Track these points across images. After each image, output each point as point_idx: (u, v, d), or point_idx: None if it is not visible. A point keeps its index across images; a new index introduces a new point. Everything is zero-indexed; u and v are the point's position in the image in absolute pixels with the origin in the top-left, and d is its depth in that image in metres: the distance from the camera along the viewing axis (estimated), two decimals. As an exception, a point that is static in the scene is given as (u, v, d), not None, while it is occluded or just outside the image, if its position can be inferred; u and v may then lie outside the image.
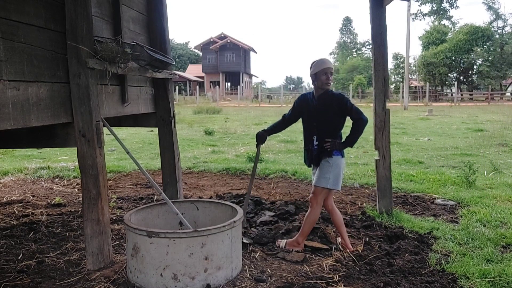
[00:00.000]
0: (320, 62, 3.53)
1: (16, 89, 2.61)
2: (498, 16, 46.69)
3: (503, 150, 9.47)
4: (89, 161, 3.14)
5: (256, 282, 3.01)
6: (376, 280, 3.02)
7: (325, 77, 3.48)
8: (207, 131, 13.25)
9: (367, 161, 7.86)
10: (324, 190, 3.53)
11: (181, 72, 59.85)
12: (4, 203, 5.24)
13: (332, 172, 3.47)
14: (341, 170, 3.53)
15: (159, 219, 3.58)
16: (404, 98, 29.53)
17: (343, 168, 3.57)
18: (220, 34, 57.58)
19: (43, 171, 7.14)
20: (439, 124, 16.08)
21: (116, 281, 3.02)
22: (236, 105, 35.49)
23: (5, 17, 2.56)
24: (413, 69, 48.18)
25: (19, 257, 3.47)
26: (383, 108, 4.55)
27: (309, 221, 3.58)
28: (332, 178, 3.47)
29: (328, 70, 3.49)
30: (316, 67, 3.51)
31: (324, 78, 3.48)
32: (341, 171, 3.53)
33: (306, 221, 3.59)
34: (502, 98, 41.19)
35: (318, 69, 3.49)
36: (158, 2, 4.67)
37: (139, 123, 4.85)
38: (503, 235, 3.92)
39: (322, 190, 3.53)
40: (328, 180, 3.47)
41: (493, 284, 2.99)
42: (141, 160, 8.22)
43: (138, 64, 3.77)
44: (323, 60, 3.56)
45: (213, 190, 5.91)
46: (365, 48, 68.92)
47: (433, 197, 5.39)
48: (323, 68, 3.48)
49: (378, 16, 4.53)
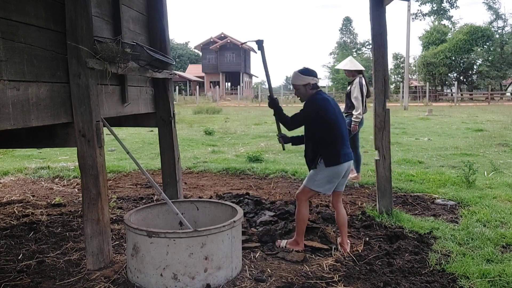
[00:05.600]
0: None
1: (16, 89, 2.61)
2: (498, 16, 46.69)
3: (503, 150, 9.47)
4: (89, 161, 3.14)
5: (256, 282, 3.01)
6: (376, 280, 3.02)
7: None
8: (207, 131, 13.25)
9: (367, 161, 7.85)
10: (311, 191, 3.56)
11: (181, 72, 59.87)
12: (4, 203, 5.24)
13: (320, 175, 3.47)
14: (330, 176, 3.46)
15: (159, 219, 3.58)
16: (404, 98, 29.53)
17: (335, 176, 3.47)
18: (220, 34, 57.58)
19: (43, 171, 7.14)
20: (439, 124, 16.08)
21: (116, 281, 3.02)
22: (236, 105, 35.49)
23: (5, 17, 2.56)
24: (413, 69, 48.17)
25: (19, 257, 3.47)
26: (383, 108, 4.55)
27: (300, 219, 3.59)
28: (318, 181, 3.47)
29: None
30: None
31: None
32: (330, 177, 3.47)
33: (297, 221, 3.62)
34: (502, 98, 41.17)
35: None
36: (158, 2, 4.67)
37: (139, 123, 4.85)
38: (503, 235, 3.92)
39: (309, 191, 3.56)
40: (314, 182, 3.49)
41: (493, 284, 2.99)
42: (141, 160, 8.22)
43: (138, 64, 3.77)
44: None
45: (213, 190, 5.91)
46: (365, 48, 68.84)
47: (433, 197, 5.39)
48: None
49: (378, 16, 4.53)
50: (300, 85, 3.51)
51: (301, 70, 3.54)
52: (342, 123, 3.52)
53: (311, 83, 3.49)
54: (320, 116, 3.40)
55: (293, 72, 3.57)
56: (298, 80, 3.51)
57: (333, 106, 3.49)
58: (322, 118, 3.40)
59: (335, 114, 3.46)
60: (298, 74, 3.52)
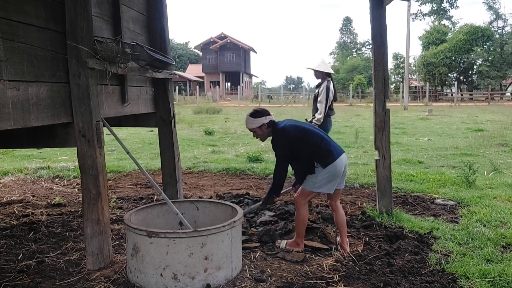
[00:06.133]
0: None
1: (16, 89, 2.61)
2: (498, 16, 46.66)
3: (503, 150, 9.47)
4: (89, 161, 3.14)
5: (256, 282, 3.01)
6: (376, 280, 3.02)
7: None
8: (207, 131, 13.25)
9: (367, 161, 7.86)
10: (312, 193, 3.57)
11: (181, 72, 59.83)
12: (4, 203, 5.24)
13: (321, 176, 3.46)
14: (331, 175, 3.46)
15: (159, 219, 3.58)
16: (404, 98, 29.52)
17: (336, 173, 3.47)
18: (220, 34, 57.57)
19: (43, 171, 7.14)
20: (439, 124, 16.08)
21: (116, 281, 3.02)
22: (236, 105, 35.48)
23: (5, 17, 2.56)
24: (413, 69, 48.16)
25: (19, 257, 3.47)
26: (383, 108, 4.55)
27: (300, 222, 3.59)
28: (319, 182, 3.47)
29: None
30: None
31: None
32: (331, 176, 3.46)
33: (297, 223, 3.62)
34: (502, 98, 41.16)
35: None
36: (158, 2, 4.67)
37: (139, 123, 4.85)
38: (503, 235, 3.92)
39: (310, 194, 3.57)
40: (315, 185, 3.49)
41: (493, 284, 2.99)
42: (141, 160, 8.22)
43: (138, 64, 3.77)
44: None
45: (213, 190, 5.91)
46: (365, 48, 68.88)
47: (433, 197, 5.39)
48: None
49: (378, 16, 4.53)
50: (255, 128, 3.57)
51: (251, 114, 3.59)
52: (312, 128, 3.61)
53: (265, 123, 3.53)
54: (291, 143, 3.46)
55: (246, 118, 3.61)
56: (252, 124, 3.57)
57: (293, 125, 3.54)
58: (295, 143, 3.46)
59: (299, 128, 3.53)
60: (250, 119, 3.57)
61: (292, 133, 3.48)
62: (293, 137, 3.46)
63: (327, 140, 3.53)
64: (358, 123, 16.53)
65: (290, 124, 3.55)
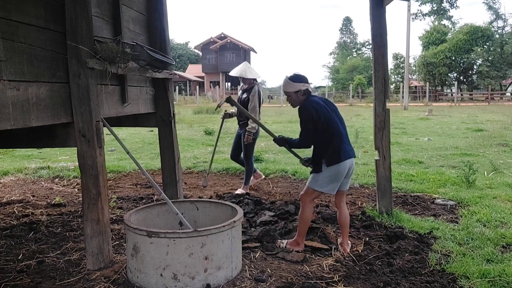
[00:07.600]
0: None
1: (16, 89, 2.61)
2: (498, 16, 46.67)
3: (503, 150, 9.47)
4: (89, 161, 3.14)
5: (256, 282, 3.01)
6: (376, 280, 3.02)
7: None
8: (207, 131, 13.25)
9: (367, 161, 7.86)
10: (315, 192, 3.56)
11: (181, 72, 59.83)
12: (4, 203, 5.24)
13: (322, 175, 3.47)
14: (333, 175, 3.47)
15: (159, 219, 3.58)
16: (404, 98, 29.53)
17: (338, 175, 3.47)
18: (220, 34, 57.56)
19: (43, 171, 7.14)
20: (439, 124, 16.08)
21: (116, 281, 3.02)
22: (236, 105, 35.40)
23: (5, 17, 2.56)
24: (413, 69, 48.18)
25: (19, 257, 3.47)
26: (383, 108, 4.55)
27: (303, 221, 3.59)
28: (320, 181, 3.48)
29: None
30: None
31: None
32: (333, 177, 3.47)
33: (300, 221, 3.62)
34: (502, 98, 41.16)
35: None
36: (158, 2, 4.67)
37: (139, 123, 4.85)
38: (503, 235, 3.92)
39: (313, 192, 3.56)
40: (316, 182, 3.50)
41: (493, 284, 2.99)
42: (141, 160, 8.22)
43: (138, 64, 3.77)
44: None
45: (213, 190, 5.91)
46: (365, 48, 68.89)
47: (433, 197, 5.39)
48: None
49: (378, 16, 4.53)
50: (291, 92, 3.54)
51: (291, 77, 3.56)
52: (338, 121, 3.55)
53: (302, 90, 3.51)
54: (315, 120, 3.43)
55: (284, 79, 3.59)
56: (289, 87, 3.54)
57: (325, 106, 3.51)
58: (318, 121, 3.43)
59: (328, 113, 3.48)
60: (289, 81, 3.54)
61: (321, 111, 3.44)
62: (320, 114, 3.42)
63: (341, 139, 3.50)
64: (358, 123, 16.53)
65: (321, 104, 3.51)
